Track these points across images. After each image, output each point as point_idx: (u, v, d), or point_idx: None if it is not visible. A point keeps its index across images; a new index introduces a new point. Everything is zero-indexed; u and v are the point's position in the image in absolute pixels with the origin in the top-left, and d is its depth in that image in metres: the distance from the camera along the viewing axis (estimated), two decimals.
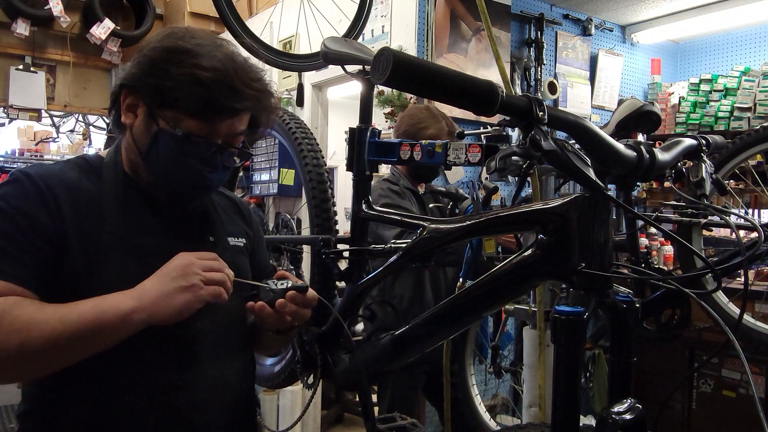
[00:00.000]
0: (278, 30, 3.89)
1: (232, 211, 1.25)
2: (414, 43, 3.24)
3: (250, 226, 1.28)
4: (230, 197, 1.29)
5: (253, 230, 1.28)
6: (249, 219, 1.29)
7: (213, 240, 1.14)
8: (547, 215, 0.91)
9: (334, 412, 4.18)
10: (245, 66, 1.05)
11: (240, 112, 1.04)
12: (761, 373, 2.88)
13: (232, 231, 1.20)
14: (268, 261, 1.36)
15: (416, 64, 0.75)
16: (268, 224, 3.70)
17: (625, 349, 0.88)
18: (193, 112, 1.00)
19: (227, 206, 1.24)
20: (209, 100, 0.99)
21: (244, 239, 1.22)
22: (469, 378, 2.36)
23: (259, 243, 1.30)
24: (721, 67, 4.34)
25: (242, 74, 1.02)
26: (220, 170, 1.07)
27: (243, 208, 1.29)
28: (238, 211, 1.26)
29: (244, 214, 1.28)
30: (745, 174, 2.16)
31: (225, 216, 1.20)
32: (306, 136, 1.56)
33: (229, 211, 1.23)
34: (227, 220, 1.21)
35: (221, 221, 1.18)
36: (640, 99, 2.33)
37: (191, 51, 1.00)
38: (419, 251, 1.17)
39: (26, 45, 5.35)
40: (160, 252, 1.01)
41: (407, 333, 1.20)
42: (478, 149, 1.14)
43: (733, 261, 1.54)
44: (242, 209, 1.29)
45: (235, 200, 1.30)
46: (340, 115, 4.66)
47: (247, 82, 1.03)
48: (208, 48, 1.02)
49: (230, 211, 1.24)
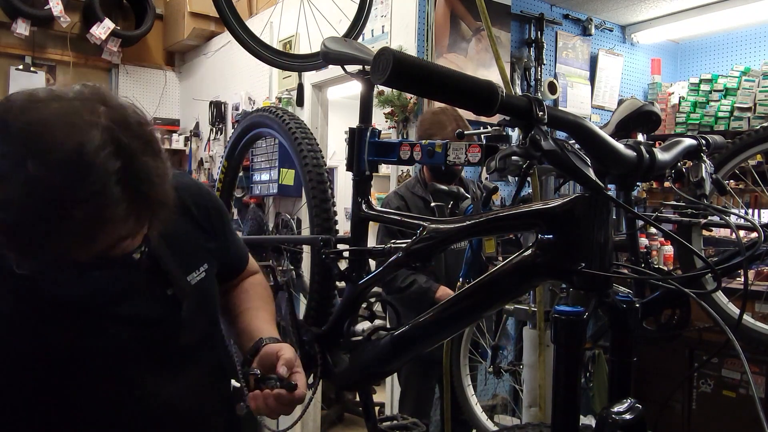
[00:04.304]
0: (278, 30, 3.89)
1: (181, 220, 1.04)
2: (414, 43, 3.23)
3: (206, 218, 1.11)
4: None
5: (211, 222, 1.12)
6: (202, 210, 1.11)
7: (171, 292, 1.00)
8: (547, 215, 0.91)
9: (334, 412, 4.18)
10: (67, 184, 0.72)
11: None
12: (761, 373, 2.88)
13: (191, 257, 1.05)
14: (239, 248, 1.24)
15: (416, 64, 0.75)
16: (268, 224, 3.71)
17: (625, 349, 0.88)
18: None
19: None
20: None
21: (205, 259, 1.08)
22: (465, 378, 2.37)
23: (223, 234, 1.15)
24: (721, 67, 4.34)
25: (53, 211, 0.72)
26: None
27: (190, 199, 1.09)
28: (185, 212, 1.07)
29: (191, 207, 1.09)
30: (745, 174, 2.16)
31: (176, 239, 1.02)
32: (306, 136, 1.56)
33: (178, 227, 1.01)
34: (180, 243, 1.03)
35: (176, 255, 1.02)
36: (640, 99, 2.33)
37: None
38: (419, 251, 1.17)
39: (26, 45, 5.35)
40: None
41: (407, 333, 1.20)
42: (478, 149, 1.14)
43: (733, 261, 1.54)
44: (189, 202, 1.08)
45: (176, 189, 1.00)
46: (340, 115, 4.65)
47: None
48: (11, 160, 0.72)
49: (179, 224, 1.02)
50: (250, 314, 1.19)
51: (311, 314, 1.51)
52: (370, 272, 1.37)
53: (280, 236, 2.18)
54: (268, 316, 1.20)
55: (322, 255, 1.43)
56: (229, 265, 1.20)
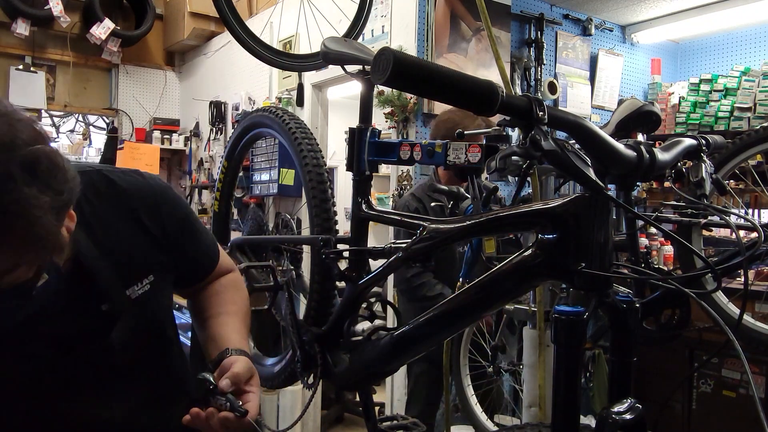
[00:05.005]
0: (278, 30, 3.89)
1: (125, 228, 0.98)
2: (414, 43, 3.23)
3: (159, 225, 1.02)
4: (110, 196, 0.98)
5: (165, 230, 1.03)
6: (154, 217, 1.02)
7: (106, 308, 0.93)
8: (547, 215, 0.91)
9: (334, 412, 4.18)
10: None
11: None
12: (761, 373, 2.87)
13: (133, 269, 0.97)
14: (206, 249, 1.16)
15: (416, 64, 0.75)
16: (268, 224, 3.71)
17: (625, 349, 0.88)
18: None
19: (111, 221, 0.96)
20: None
21: (152, 270, 1.00)
22: (465, 378, 2.37)
23: (181, 240, 1.06)
24: (721, 67, 4.34)
25: None
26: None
27: (140, 205, 1.00)
28: (131, 220, 0.99)
29: (141, 215, 1.00)
30: (745, 174, 2.16)
31: (116, 250, 0.95)
32: (306, 136, 1.56)
33: (120, 236, 0.96)
34: (121, 254, 0.96)
35: (115, 267, 0.94)
36: (640, 99, 2.33)
37: None
38: (419, 251, 1.17)
39: (26, 45, 5.35)
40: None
41: (407, 333, 1.20)
42: (478, 149, 1.14)
43: (733, 261, 1.54)
44: (138, 208, 1.00)
45: (122, 195, 0.99)
46: (340, 115, 4.66)
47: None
48: None
49: (122, 233, 0.96)
50: (219, 320, 1.11)
51: (311, 314, 1.51)
52: (370, 272, 1.37)
53: (280, 236, 2.18)
54: (238, 324, 1.12)
55: (322, 255, 1.43)
56: (191, 270, 1.13)
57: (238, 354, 1.01)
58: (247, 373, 0.96)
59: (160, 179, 1.10)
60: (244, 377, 0.95)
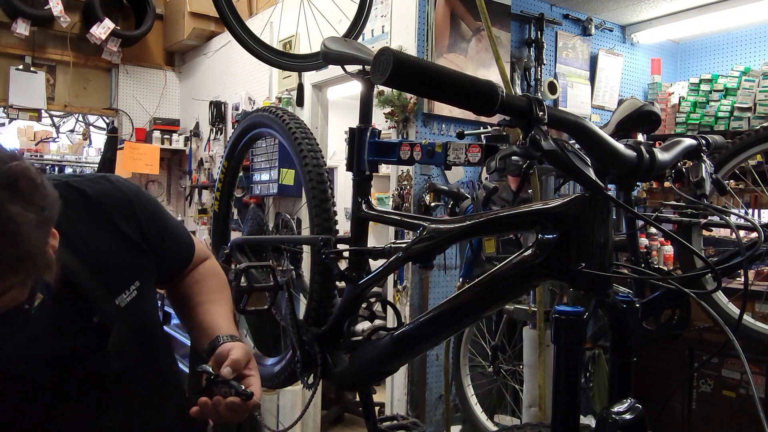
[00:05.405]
0: (278, 30, 3.89)
1: (104, 237, 0.97)
2: (414, 43, 3.23)
3: (137, 229, 1.02)
4: (83, 207, 0.96)
5: (143, 233, 1.02)
6: (130, 222, 1.01)
7: (98, 320, 0.93)
8: (547, 215, 0.91)
9: (334, 412, 4.18)
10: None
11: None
12: (761, 373, 2.87)
13: (118, 277, 0.97)
14: (182, 243, 1.15)
15: (416, 64, 0.75)
16: (268, 224, 3.71)
17: (625, 349, 0.88)
18: None
19: (90, 233, 0.96)
20: None
21: (136, 276, 1.00)
22: (465, 378, 2.37)
23: (160, 241, 1.06)
24: (721, 67, 4.34)
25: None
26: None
27: (115, 211, 1.00)
28: (108, 227, 0.98)
29: (117, 221, 0.99)
30: (745, 174, 2.16)
31: (99, 260, 0.95)
32: (306, 136, 1.56)
33: (100, 246, 0.96)
34: (105, 263, 0.96)
35: (100, 277, 0.94)
36: (640, 99, 2.33)
37: None
38: (419, 251, 1.17)
39: (26, 45, 5.35)
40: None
41: (407, 333, 1.20)
42: (478, 149, 1.14)
43: (733, 261, 1.54)
44: (113, 214, 0.99)
45: (94, 204, 0.97)
46: (340, 115, 4.66)
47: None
48: None
49: (102, 242, 0.96)
50: (204, 308, 1.12)
51: (311, 314, 1.51)
52: (370, 272, 1.37)
53: (280, 236, 2.18)
54: (224, 310, 1.13)
55: (322, 255, 1.43)
56: (172, 265, 1.13)
57: (230, 340, 1.03)
58: (245, 357, 0.98)
59: (128, 181, 1.09)
60: (243, 362, 0.98)
